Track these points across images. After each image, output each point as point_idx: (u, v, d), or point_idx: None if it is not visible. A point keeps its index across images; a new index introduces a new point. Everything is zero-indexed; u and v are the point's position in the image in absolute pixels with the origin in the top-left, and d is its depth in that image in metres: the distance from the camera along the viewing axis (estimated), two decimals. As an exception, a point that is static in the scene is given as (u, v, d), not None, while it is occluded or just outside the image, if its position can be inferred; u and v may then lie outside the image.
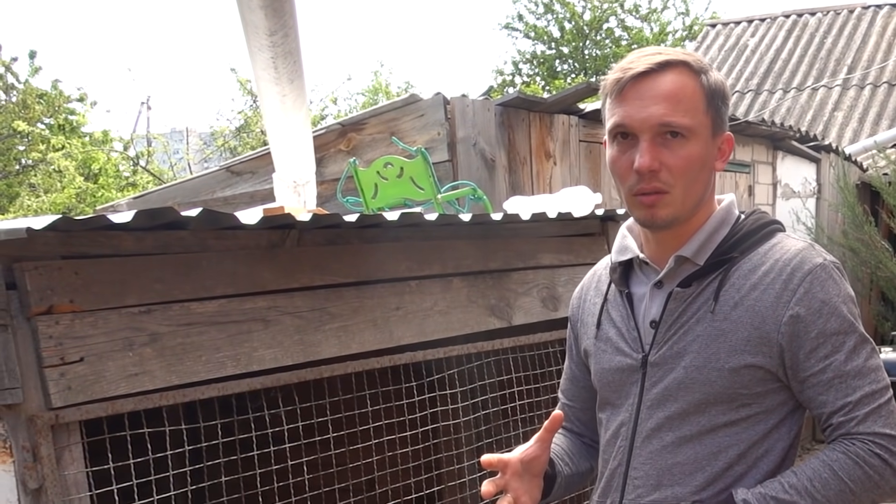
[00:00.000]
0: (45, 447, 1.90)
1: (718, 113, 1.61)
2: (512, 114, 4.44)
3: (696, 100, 1.58)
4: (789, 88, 11.42)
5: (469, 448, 3.09)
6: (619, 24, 20.63)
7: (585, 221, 3.32)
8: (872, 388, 1.55)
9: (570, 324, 1.91)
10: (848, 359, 1.55)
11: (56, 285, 1.93)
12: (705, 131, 1.59)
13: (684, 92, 1.57)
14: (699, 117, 1.58)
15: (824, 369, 1.55)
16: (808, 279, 1.55)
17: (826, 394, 1.56)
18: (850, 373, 1.55)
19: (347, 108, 17.65)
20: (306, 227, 2.37)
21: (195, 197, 5.12)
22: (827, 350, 1.55)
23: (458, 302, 2.82)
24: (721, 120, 1.62)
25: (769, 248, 1.62)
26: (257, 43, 3.09)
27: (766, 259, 1.60)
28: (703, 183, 1.61)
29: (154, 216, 2.02)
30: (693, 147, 1.57)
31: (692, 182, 1.59)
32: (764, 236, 1.64)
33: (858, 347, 1.56)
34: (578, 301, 1.89)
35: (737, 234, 1.64)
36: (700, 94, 1.59)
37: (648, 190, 1.58)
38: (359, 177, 3.93)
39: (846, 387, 1.55)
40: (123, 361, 2.02)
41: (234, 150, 14.01)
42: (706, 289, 1.62)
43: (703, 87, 1.59)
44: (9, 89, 13.38)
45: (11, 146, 13.31)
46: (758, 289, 1.57)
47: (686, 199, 1.60)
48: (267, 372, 2.31)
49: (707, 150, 1.60)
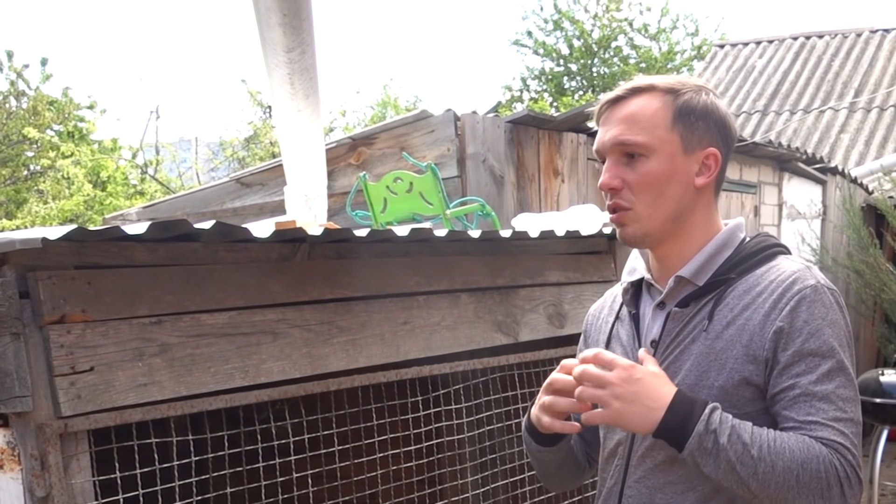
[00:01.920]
0: (54, 455, 1.90)
1: (691, 129, 1.65)
2: (521, 131, 4.46)
3: (658, 118, 1.64)
4: (796, 110, 11.45)
5: (473, 463, 3.09)
6: (628, 42, 20.70)
7: (593, 239, 3.33)
8: (836, 415, 1.52)
9: (582, 337, 1.96)
10: (818, 381, 1.53)
11: (69, 295, 1.93)
12: (670, 147, 1.64)
13: (643, 112, 1.64)
14: (659, 134, 1.63)
15: (793, 386, 1.54)
16: (796, 298, 1.56)
17: (790, 409, 1.54)
18: (817, 394, 1.53)
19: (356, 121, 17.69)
20: (317, 240, 2.39)
21: (205, 207, 5.14)
22: (800, 369, 1.54)
23: (465, 317, 2.83)
24: (697, 136, 1.65)
25: (767, 269, 1.64)
26: (275, 59, 3.12)
27: (761, 280, 1.62)
28: (672, 199, 1.65)
29: (167, 228, 2.03)
30: (653, 164, 1.63)
31: (656, 198, 1.64)
32: (763, 258, 1.66)
33: (833, 373, 1.54)
34: (593, 318, 1.93)
35: (737, 256, 1.67)
36: (663, 112, 1.64)
37: (612, 207, 1.67)
38: (368, 191, 3.95)
39: (810, 406, 1.53)
40: (133, 371, 2.03)
41: (242, 160, 14.05)
42: (702, 309, 1.64)
43: (670, 105, 1.64)
44: (20, 96, 13.43)
45: (21, 152, 13.36)
46: (750, 308, 1.59)
47: (652, 214, 1.65)
48: (275, 384, 2.32)
49: (673, 167, 1.64)
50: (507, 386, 3.07)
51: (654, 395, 1.53)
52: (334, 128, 16.40)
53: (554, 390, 1.66)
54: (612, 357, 1.56)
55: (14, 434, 1.90)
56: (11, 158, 13.22)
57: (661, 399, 1.53)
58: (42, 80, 13.64)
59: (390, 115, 16.63)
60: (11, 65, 13.41)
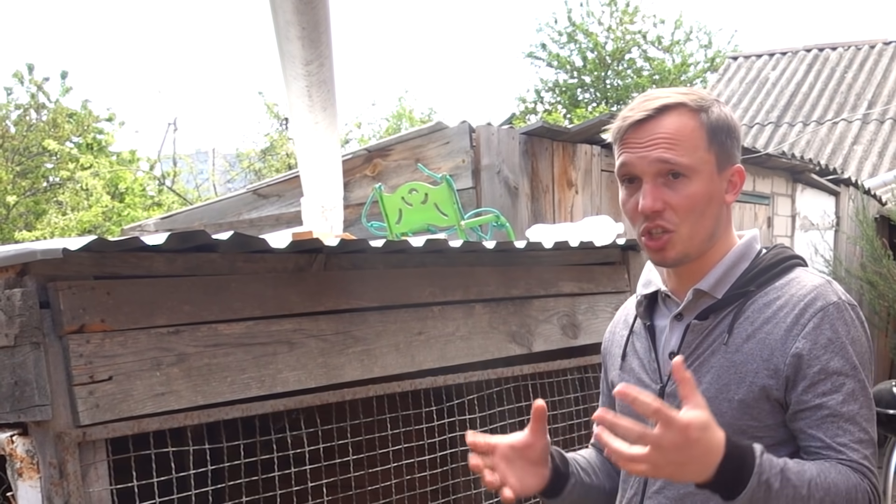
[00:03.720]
0: (72, 464, 1.91)
1: (723, 148, 1.64)
2: (535, 142, 4.47)
3: (696, 138, 1.61)
4: (809, 121, 11.42)
5: (487, 474, 3.09)
6: (642, 54, 20.70)
7: (606, 250, 3.34)
8: (860, 437, 1.55)
9: (602, 355, 1.94)
10: (845, 401, 1.54)
11: (88, 305, 1.95)
12: (708, 168, 1.62)
13: (683, 132, 1.61)
14: (700, 155, 1.61)
15: (820, 406, 1.54)
16: (819, 315, 1.56)
17: (818, 430, 1.55)
18: (844, 415, 1.54)
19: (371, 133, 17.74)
20: (333, 251, 2.40)
21: (221, 218, 5.18)
22: (826, 388, 1.54)
23: (479, 328, 2.84)
24: (727, 154, 1.65)
25: (786, 282, 1.63)
26: (293, 72, 3.15)
27: (782, 293, 1.61)
28: (711, 218, 1.64)
29: (185, 238, 2.05)
30: (696, 185, 1.60)
31: (698, 219, 1.62)
32: (782, 271, 1.66)
33: (857, 393, 1.55)
34: (610, 334, 1.92)
35: (755, 268, 1.66)
36: (700, 132, 1.62)
37: (653, 229, 1.62)
38: (384, 202, 3.97)
39: (838, 428, 1.54)
40: (151, 381, 2.05)
41: (258, 172, 14.12)
42: (722, 322, 1.64)
43: (704, 124, 1.62)
44: (40, 108, 13.56)
45: (40, 164, 13.47)
46: (771, 322, 1.59)
47: (694, 236, 1.63)
48: (291, 394, 2.34)
49: (712, 186, 1.63)
50: (520, 396, 3.08)
51: (708, 452, 1.39)
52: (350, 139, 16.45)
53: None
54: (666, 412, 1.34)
55: (33, 442, 1.92)
56: (31, 170, 13.33)
57: (715, 455, 1.39)
58: (62, 93, 13.77)
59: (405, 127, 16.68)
60: (32, 78, 13.55)
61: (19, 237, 11.37)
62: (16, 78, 13.49)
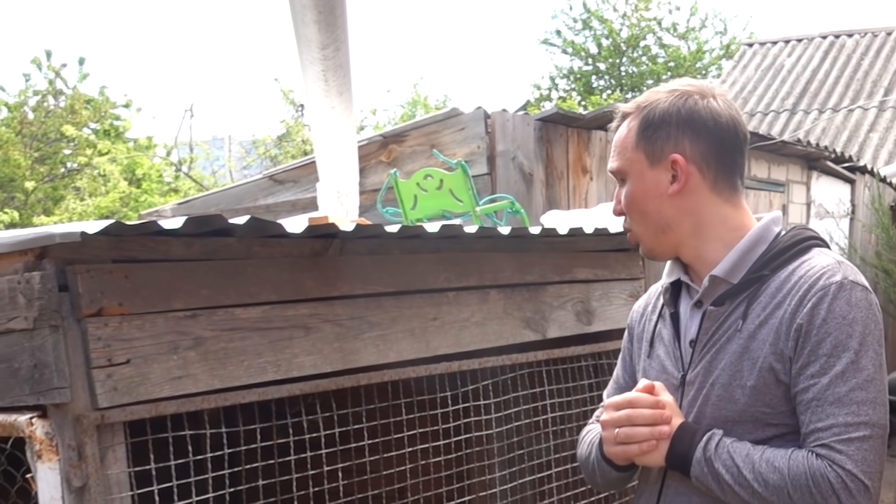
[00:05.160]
0: (90, 446, 1.93)
1: (651, 142, 1.68)
2: (550, 129, 4.47)
3: (627, 141, 1.71)
4: (825, 109, 11.35)
5: (501, 459, 3.11)
6: (657, 41, 20.62)
7: (621, 237, 3.32)
8: (847, 420, 1.50)
9: (627, 332, 1.96)
10: (831, 383, 1.52)
11: (106, 288, 1.97)
12: (637, 166, 1.70)
13: (620, 138, 1.73)
14: (628, 156, 1.71)
15: (807, 388, 1.54)
16: (818, 294, 1.55)
17: (804, 414, 1.55)
18: (827, 398, 1.51)
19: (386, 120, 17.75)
20: (349, 236, 2.41)
21: (238, 204, 5.20)
22: (814, 370, 1.53)
23: (494, 314, 2.85)
24: (658, 147, 1.68)
25: (799, 264, 1.62)
26: (309, 56, 3.15)
27: (793, 276, 1.61)
28: (653, 213, 1.70)
29: (202, 223, 2.06)
30: (630, 186, 1.72)
31: (642, 217, 1.72)
32: (797, 253, 1.65)
33: (848, 374, 1.52)
34: (638, 315, 1.94)
35: (771, 251, 1.66)
36: (630, 134, 1.71)
37: (625, 228, 1.77)
38: (399, 188, 3.97)
39: (820, 412, 1.52)
40: (168, 364, 2.06)
41: (274, 158, 14.15)
42: (737, 308, 1.64)
43: (636, 126, 1.70)
44: (58, 94, 13.62)
45: (58, 150, 13.54)
46: (781, 307, 1.59)
47: (644, 231, 1.73)
48: (306, 378, 2.35)
49: (645, 183, 1.69)
50: (535, 382, 3.08)
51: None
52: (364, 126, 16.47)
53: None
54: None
55: (52, 425, 1.93)
56: (49, 156, 13.41)
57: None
58: (79, 79, 13.83)
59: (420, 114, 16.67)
60: (50, 64, 13.60)
61: (37, 222, 11.44)
62: (34, 64, 13.55)
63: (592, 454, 1.82)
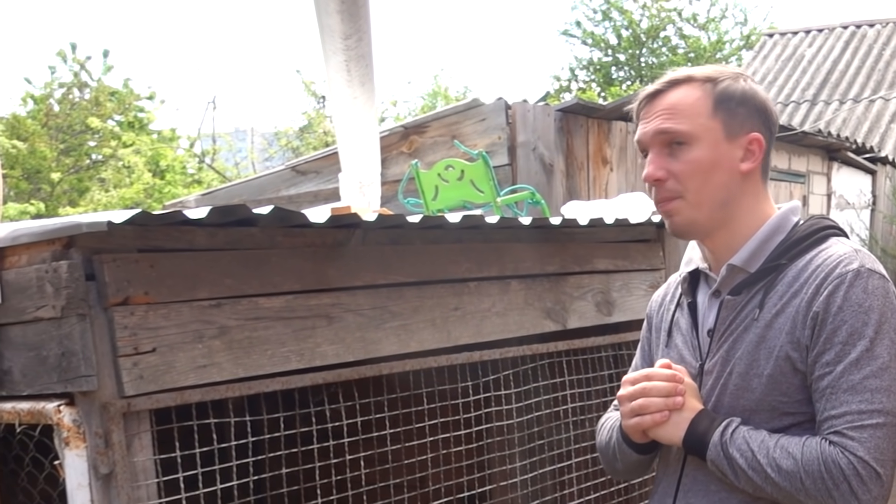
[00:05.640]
0: (117, 434, 1.94)
1: (732, 115, 1.65)
2: (570, 119, 4.47)
3: (698, 106, 1.65)
4: (846, 99, 11.26)
5: (521, 449, 3.12)
6: (677, 32, 20.51)
7: (641, 227, 3.33)
8: (860, 408, 1.50)
9: (646, 322, 1.96)
10: (845, 371, 1.52)
11: (132, 277, 1.99)
12: (712, 134, 1.65)
13: (684, 102, 1.66)
14: (701, 122, 1.65)
15: (822, 376, 1.54)
16: (835, 282, 1.54)
17: (819, 402, 1.55)
18: (841, 386, 1.52)
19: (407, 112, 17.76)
20: (371, 226, 2.42)
21: (260, 195, 5.23)
22: (829, 357, 1.53)
23: (515, 304, 2.86)
24: (739, 121, 1.66)
25: (816, 253, 1.62)
26: (332, 46, 3.17)
27: (810, 265, 1.60)
28: (719, 186, 1.66)
29: (227, 213, 2.07)
30: (697, 151, 1.64)
31: (703, 186, 1.65)
32: (815, 242, 1.65)
33: (862, 362, 1.51)
34: (656, 304, 1.93)
35: (789, 240, 1.66)
36: (704, 100, 1.65)
37: (659, 199, 1.68)
38: (420, 178, 3.99)
39: (834, 400, 1.52)
40: (193, 353, 2.08)
41: (296, 150, 14.19)
42: (754, 297, 1.64)
43: (710, 93, 1.66)
44: (82, 87, 13.73)
45: (83, 142, 13.66)
46: (798, 295, 1.59)
47: (700, 203, 1.65)
48: (329, 367, 2.36)
49: (718, 153, 1.65)
50: (555, 373, 3.09)
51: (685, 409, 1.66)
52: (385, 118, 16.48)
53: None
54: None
55: (80, 412, 1.95)
56: (75, 148, 13.52)
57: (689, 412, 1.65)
58: (104, 72, 13.93)
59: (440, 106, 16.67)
60: (75, 56, 13.71)
61: (63, 213, 11.54)
62: (59, 57, 13.66)
63: (613, 437, 1.82)
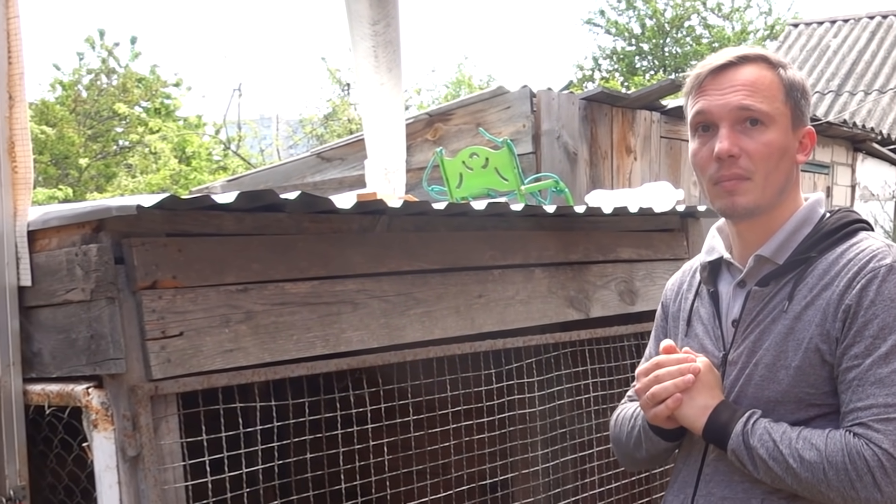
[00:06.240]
0: (145, 417, 1.96)
1: (798, 106, 1.65)
2: (595, 108, 4.46)
3: (775, 89, 1.63)
4: (871, 90, 11.13)
5: (543, 437, 3.12)
6: (701, 21, 20.40)
7: (666, 217, 3.32)
8: (887, 401, 1.50)
9: (661, 310, 1.95)
10: (874, 364, 1.52)
11: (161, 261, 2.00)
12: (785, 121, 1.63)
13: (763, 81, 1.62)
14: (778, 106, 1.62)
15: (850, 368, 1.54)
16: (868, 276, 1.54)
17: (845, 393, 1.55)
18: (868, 379, 1.52)
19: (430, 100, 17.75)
20: (396, 213, 2.43)
21: (286, 181, 5.26)
22: (859, 350, 1.53)
23: (538, 292, 2.86)
24: (801, 113, 1.66)
25: (847, 247, 1.62)
26: (360, 32, 3.17)
27: (841, 259, 1.60)
28: (783, 172, 1.64)
29: (254, 198, 2.09)
30: (773, 134, 1.61)
31: (772, 170, 1.62)
32: (844, 235, 1.64)
33: (891, 356, 1.51)
34: (672, 293, 1.92)
35: (818, 233, 1.65)
36: (778, 84, 1.63)
37: (728, 176, 1.62)
38: (444, 166, 4.00)
39: (861, 392, 1.52)
40: (220, 337, 2.09)
41: (321, 137, 14.23)
42: (783, 288, 1.64)
43: (782, 78, 1.64)
44: (110, 73, 13.84)
45: (111, 128, 13.77)
46: (829, 289, 1.58)
47: (766, 186, 1.63)
48: (354, 353, 2.37)
49: (787, 140, 1.64)
50: (577, 362, 3.09)
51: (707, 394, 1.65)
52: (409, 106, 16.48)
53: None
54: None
55: (108, 395, 1.97)
56: (102, 134, 13.64)
57: (712, 399, 1.64)
58: (131, 58, 14.04)
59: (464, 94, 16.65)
60: (103, 43, 13.83)
61: (91, 199, 11.65)
62: (88, 43, 13.77)
63: (637, 426, 1.81)
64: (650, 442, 1.79)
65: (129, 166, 13.30)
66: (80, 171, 12.85)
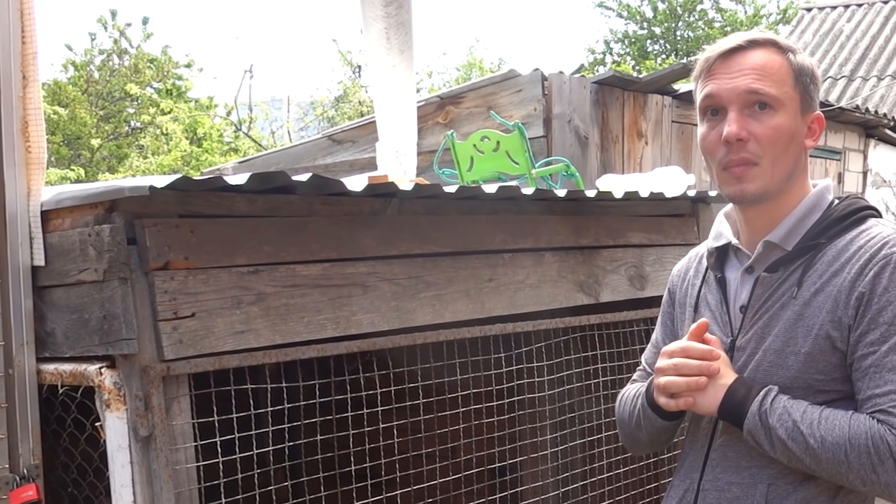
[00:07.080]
0: (157, 397, 1.97)
1: (807, 90, 1.64)
2: (606, 92, 4.45)
3: (784, 74, 1.62)
4: (884, 76, 11.05)
5: (552, 421, 3.13)
6: (713, 5, 20.27)
7: (676, 202, 3.31)
8: None
9: (667, 296, 1.94)
10: (890, 350, 1.52)
11: (173, 242, 2.01)
12: (794, 105, 1.63)
13: (772, 65, 1.62)
14: (787, 90, 1.62)
15: (866, 356, 1.53)
16: (881, 263, 1.54)
17: (861, 381, 1.54)
18: (885, 365, 1.52)
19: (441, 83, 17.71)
20: (408, 195, 2.43)
21: (297, 163, 5.26)
22: (874, 337, 1.53)
23: (548, 276, 2.86)
24: (810, 98, 1.65)
25: (857, 234, 1.62)
26: (372, 13, 3.16)
27: (851, 245, 1.60)
28: (792, 157, 1.64)
29: (266, 179, 2.08)
30: (781, 118, 1.61)
31: (781, 154, 1.62)
32: (854, 222, 1.64)
33: None
34: (679, 279, 1.91)
35: (826, 219, 1.65)
36: (787, 69, 1.63)
37: (737, 161, 1.61)
38: (455, 149, 3.99)
39: (878, 379, 1.52)
40: (231, 319, 2.09)
41: (332, 119, 14.22)
42: (792, 274, 1.63)
43: (791, 63, 1.63)
44: (122, 54, 13.85)
45: (122, 108, 13.79)
46: (839, 275, 1.58)
47: (775, 171, 1.62)
48: (364, 336, 2.38)
49: (796, 125, 1.63)
50: (587, 346, 3.09)
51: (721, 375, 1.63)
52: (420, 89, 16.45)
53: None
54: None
55: (120, 375, 1.98)
56: (114, 114, 13.67)
57: (726, 378, 1.63)
58: (143, 39, 14.05)
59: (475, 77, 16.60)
60: (115, 23, 13.82)
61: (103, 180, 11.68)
62: (100, 23, 13.79)
63: (637, 405, 1.82)
64: (647, 420, 1.79)
65: (140, 147, 13.33)
66: (91, 152, 12.88)
